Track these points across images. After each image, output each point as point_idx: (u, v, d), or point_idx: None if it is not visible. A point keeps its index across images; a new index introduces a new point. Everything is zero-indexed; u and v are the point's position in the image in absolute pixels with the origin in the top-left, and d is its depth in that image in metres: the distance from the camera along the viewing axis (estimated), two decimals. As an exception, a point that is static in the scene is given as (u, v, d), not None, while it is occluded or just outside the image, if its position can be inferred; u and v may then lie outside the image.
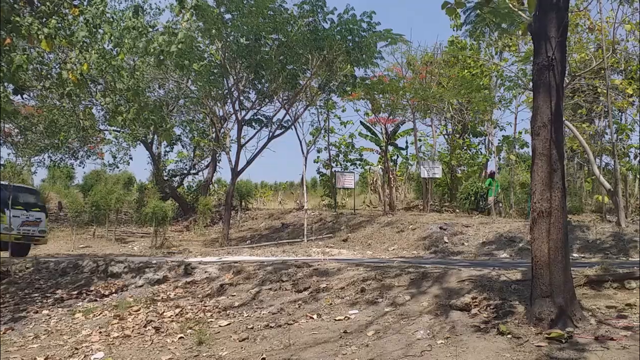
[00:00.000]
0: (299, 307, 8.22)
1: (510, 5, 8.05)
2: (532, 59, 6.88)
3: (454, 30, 18.08)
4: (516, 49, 19.31)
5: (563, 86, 6.81)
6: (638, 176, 21.01)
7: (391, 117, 23.26)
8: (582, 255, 13.29)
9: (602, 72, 16.80)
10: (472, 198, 21.35)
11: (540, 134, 6.42)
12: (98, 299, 10.32)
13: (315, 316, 7.66)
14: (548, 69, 6.43)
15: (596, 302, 6.86)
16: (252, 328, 7.63)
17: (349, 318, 7.39)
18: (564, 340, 5.64)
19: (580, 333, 5.83)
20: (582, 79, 18.06)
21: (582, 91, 19.81)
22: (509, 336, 5.95)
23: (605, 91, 16.69)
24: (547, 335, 5.78)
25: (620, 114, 21.53)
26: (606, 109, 17.72)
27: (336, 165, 24.94)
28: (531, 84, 7.27)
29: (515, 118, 32.06)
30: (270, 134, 19.66)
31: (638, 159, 21.63)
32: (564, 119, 14.77)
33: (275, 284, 9.34)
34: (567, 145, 20.08)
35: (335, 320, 7.39)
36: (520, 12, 8.20)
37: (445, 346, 5.95)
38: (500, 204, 21.34)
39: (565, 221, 6.37)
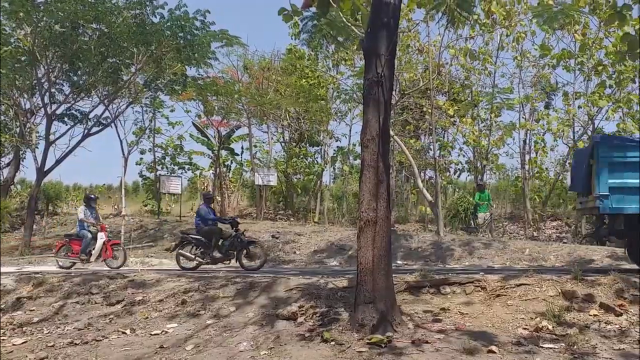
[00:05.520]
0: (110, 321, 7.50)
1: (344, 20, 8.23)
2: (365, 74, 7.02)
3: (292, 38, 18.27)
4: (352, 63, 20.10)
5: (391, 102, 7.07)
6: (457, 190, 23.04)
7: (225, 121, 22.73)
8: (405, 262, 14.14)
9: (429, 92, 18.19)
10: (463, 215, 18.40)
11: (369, 146, 6.56)
12: None
13: (128, 331, 7.06)
14: (377, 85, 6.61)
15: (414, 307, 7.20)
16: (52, 346, 6.79)
17: (166, 332, 6.89)
18: (383, 345, 5.77)
19: (399, 337, 6.02)
20: (410, 97, 19.39)
21: (410, 109, 21.26)
22: (332, 343, 5.94)
23: (430, 110, 18.08)
24: (368, 341, 5.87)
25: (443, 132, 23.55)
26: (431, 127, 19.15)
27: (162, 168, 23.35)
28: (364, 98, 7.42)
29: (350, 130, 33.69)
30: (86, 131, 17.92)
31: (457, 173, 23.98)
32: (392, 133, 15.76)
33: (84, 296, 8.44)
34: (396, 159, 21.42)
35: (151, 335, 6.85)
36: (354, 28, 8.44)
37: (269, 357, 5.76)
38: (492, 222, 18.43)
39: (389, 230, 6.57)
